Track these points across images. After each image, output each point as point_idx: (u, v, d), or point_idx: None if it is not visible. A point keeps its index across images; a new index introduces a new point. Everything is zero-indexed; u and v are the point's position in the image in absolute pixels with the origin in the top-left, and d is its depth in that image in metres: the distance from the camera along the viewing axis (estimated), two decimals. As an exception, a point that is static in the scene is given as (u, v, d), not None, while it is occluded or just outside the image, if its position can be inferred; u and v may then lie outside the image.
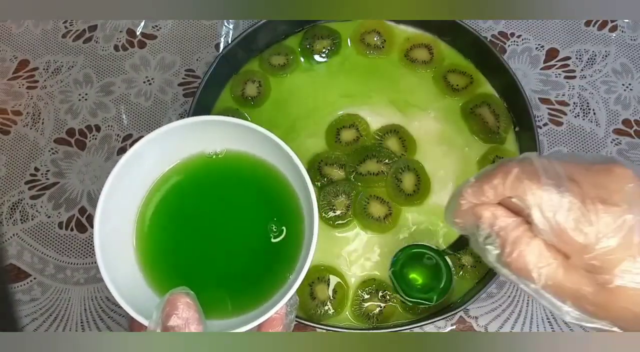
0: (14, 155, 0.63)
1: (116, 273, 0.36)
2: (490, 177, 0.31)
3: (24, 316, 0.57)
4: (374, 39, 0.62)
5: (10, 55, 0.67)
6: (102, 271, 0.36)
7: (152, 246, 0.41)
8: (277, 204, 0.41)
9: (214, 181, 0.42)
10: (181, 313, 0.34)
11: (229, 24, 0.67)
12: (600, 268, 0.28)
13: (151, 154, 0.40)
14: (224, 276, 0.41)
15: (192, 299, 0.35)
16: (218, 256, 0.41)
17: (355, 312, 0.53)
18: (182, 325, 0.33)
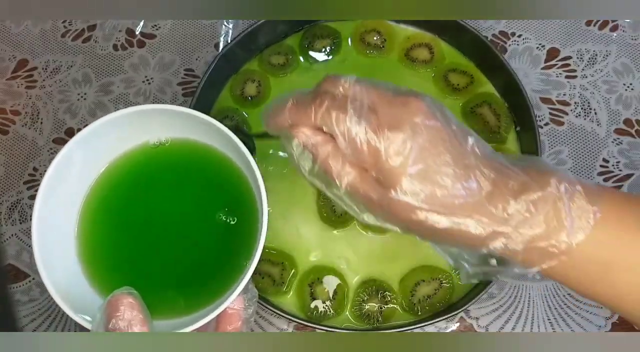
0: (12, 155, 0.62)
1: (58, 275, 0.35)
2: (306, 104, 0.36)
3: (23, 316, 0.57)
4: (374, 39, 0.62)
5: (9, 55, 0.67)
6: (42, 273, 0.34)
7: (95, 245, 0.39)
8: (227, 192, 0.40)
9: (160, 171, 0.41)
10: (123, 314, 0.33)
11: (228, 24, 0.67)
12: (385, 181, 0.33)
13: (91, 148, 0.38)
14: (173, 272, 0.39)
15: (134, 299, 0.34)
16: (167, 251, 0.39)
17: (355, 312, 0.53)
18: (124, 327, 0.33)
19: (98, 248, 0.39)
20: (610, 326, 0.55)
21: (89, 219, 0.39)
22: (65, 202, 0.38)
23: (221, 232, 0.39)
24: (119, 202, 0.40)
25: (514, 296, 0.56)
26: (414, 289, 0.53)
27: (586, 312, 0.55)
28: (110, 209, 0.40)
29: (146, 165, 0.40)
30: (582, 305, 0.56)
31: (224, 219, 0.39)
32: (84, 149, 0.38)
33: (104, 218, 0.39)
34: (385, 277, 0.54)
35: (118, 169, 0.40)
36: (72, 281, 0.37)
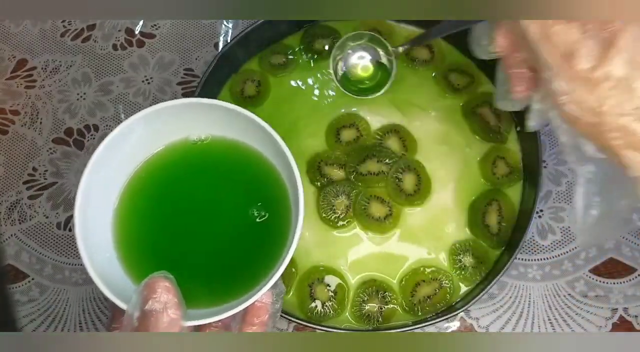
0: (12, 155, 0.62)
1: (96, 258, 0.36)
2: None
3: (22, 316, 0.57)
4: (374, 38, 0.61)
5: (9, 55, 0.67)
6: (83, 254, 0.35)
7: (131, 231, 0.40)
8: (262, 191, 0.40)
9: (198, 167, 0.42)
10: (159, 297, 0.33)
11: (228, 23, 0.67)
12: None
13: (133, 138, 0.39)
14: (205, 263, 0.40)
15: (171, 283, 0.34)
16: (200, 243, 0.40)
17: (355, 313, 0.53)
18: (160, 309, 0.33)
19: (133, 235, 0.40)
20: (611, 326, 0.55)
21: (127, 206, 0.41)
22: (106, 187, 0.40)
23: (253, 227, 0.40)
24: (156, 193, 0.41)
25: (514, 296, 0.56)
26: (414, 290, 0.53)
27: (586, 313, 0.55)
28: (147, 199, 0.41)
29: (185, 159, 0.42)
30: (583, 305, 0.56)
31: (256, 214, 0.40)
32: (129, 137, 0.39)
33: (140, 206, 0.41)
34: (385, 277, 0.54)
35: (158, 160, 0.42)
36: (108, 264, 0.38)
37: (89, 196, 0.37)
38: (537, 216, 0.58)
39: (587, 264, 0.57)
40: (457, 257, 0.54)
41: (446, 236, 0.55)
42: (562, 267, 0.57)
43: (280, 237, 0.39)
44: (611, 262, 0.57)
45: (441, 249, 0.55)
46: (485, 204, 0.55)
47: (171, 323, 0.33)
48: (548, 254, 0.57)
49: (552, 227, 0.58)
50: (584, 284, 0.56)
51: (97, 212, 0.39)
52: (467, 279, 0.54)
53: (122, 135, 0.38)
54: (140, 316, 0.33)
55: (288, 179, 0.40)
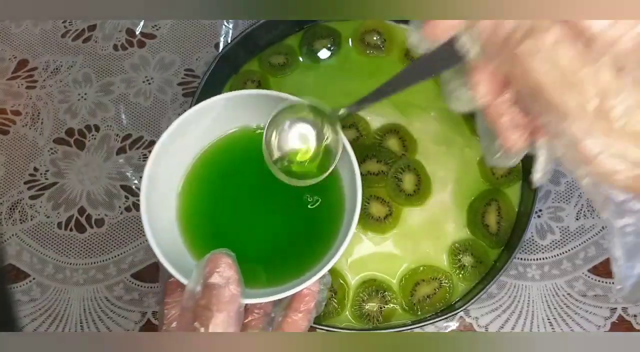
0: (13, 155, 0.62)
1: (158, 235, 0.38)
2: None
3: (23, 316, 0.57)
4: (374, 39, 0.62)
5: (10, 55, 0.67)
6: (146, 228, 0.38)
7: (194, 211, 0.43)
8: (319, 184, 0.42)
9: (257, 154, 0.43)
10: (222, 272, 0.34)
11: (228, 24, 0.67)
12: None
13: (200, 124, 0.42)
14: (260, 248, 0.42)
15: (232, 260, 0.35)
16: (256, 227, 0.43)
17: (355, 312, 0.53)
18: (222, 283, 0.34)
19: (195, 215, 0.43)
20: (610, 326, 0.55)
21: (190, 188, 0.44)
22: (171, 169, 0.42)
23: (306, 215, 0.42)
24: (218, 177, 0.44)
25: (513, 296, 0.56)
26: (414, 289, 0.53)
27: (585, 312, 0.56)
28: (209, 182, 0.43)
29: (245, 146, 0.44)
30: (582, 305, 0.56)
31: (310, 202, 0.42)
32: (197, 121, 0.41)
33: (203, 189, 0.43)
34: (385, 277, 0.54)
35: (221, 146, 0.44)
36: (170, 241, 0.41)
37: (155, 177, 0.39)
38: (536, 215, 0.58)
39: (586, 263, 0.57)
40: (456, 256, 0.54)
41: (446, 235, 0.55)
42: (561, 266, 0.57)
43: (332, 225, 0.41)
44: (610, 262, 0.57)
45: (441, 249, 0.55)
46: (484, 204, 0.55)
47: (232, 298, 0.34)
48: (547, 253, 0.58)
49: (551, 227, 0.58)
50: (583, 284, 0.56)
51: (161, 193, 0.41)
52: (466, 279, 0.54)
53: (187, 123, 0.40)
54: (202, 290, 0.34)
55: (344, 168, 0.41)
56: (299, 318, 0.38)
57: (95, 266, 0.58)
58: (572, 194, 0.59)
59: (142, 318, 0.57)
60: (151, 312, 0.57)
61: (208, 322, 0.33)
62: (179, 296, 0.38)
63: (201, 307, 0.34)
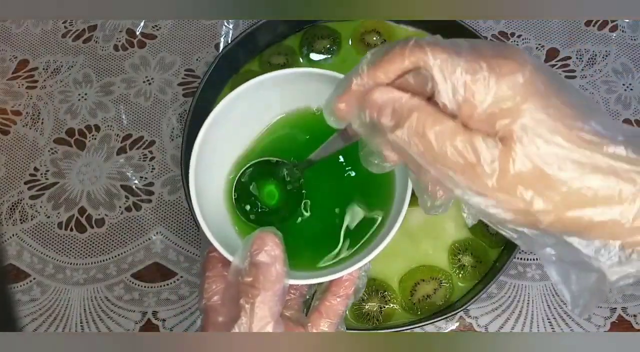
0: (13, 155, 0.63)
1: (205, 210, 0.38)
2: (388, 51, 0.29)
3: (23, 316, 0.57)
4: (374, 39, 0.62)
5: (10, 55, 0.67)
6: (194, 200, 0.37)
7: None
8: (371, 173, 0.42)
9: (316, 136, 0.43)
10: (270, 250, 0.34)
11: (228, 24, 0.67)
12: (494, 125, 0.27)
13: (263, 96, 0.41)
14: (306, 230, 0.42)
15: (279, 239, 0.35)
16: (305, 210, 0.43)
17: (355, 312, 0.53)
18: (269, 262, 0.34)
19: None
20: (609, 326, 0.55)
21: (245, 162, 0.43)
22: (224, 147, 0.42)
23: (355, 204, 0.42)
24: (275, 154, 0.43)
25: (513, 296, 0.56)
26: (414, 289, 0.53)
27: (586, 312, 0.56)
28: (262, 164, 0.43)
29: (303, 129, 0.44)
30: (582, 305, 0.56)
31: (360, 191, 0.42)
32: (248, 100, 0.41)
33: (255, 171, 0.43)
34: (385, 277, 0.54)
35: (279, 127, 0.44)
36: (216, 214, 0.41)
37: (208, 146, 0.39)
38: (536, 215, 0.58)
39: (586, 263, 0.57)
40: (456, 256, 0.54)
41: (445, 235, 0.55)
42: (561, 266, 0.57)
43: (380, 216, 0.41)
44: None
45: (440, 249, 0.55)
46: (484, 204, 0.55)
47: (278, 277, 0.34)
48: (547, 253, 0.57)
49: (552, 227, 0.58)
50: (583, 284, 0.56)
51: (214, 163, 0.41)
52: (466, 279, 0.54)
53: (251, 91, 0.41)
54: (249, 267, 0.34)
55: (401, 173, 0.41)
56: (337, 303, 0.38)
57: (96, 265, 0.58)
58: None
59: (142, 318, 0.57)
60: (151, 312, 0.57)
61: (254, 299, 0.33)
62: (219, 271, 0.38)
63: (247, 285, 0.34)
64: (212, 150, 0.40)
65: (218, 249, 0.36)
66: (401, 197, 0.39)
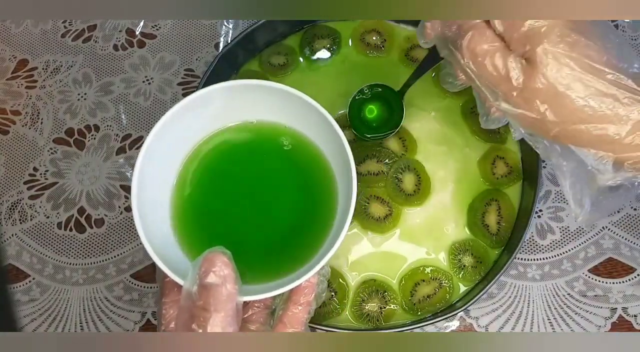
0: (12, 155, 0.62)
1: (152, 234, 0.37)
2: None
3: (23, 316, 0.57)
4: (374, 39, 0.62)
5: (9, 55, 0.67)
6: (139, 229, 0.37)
7: (187, 210, 0.42)
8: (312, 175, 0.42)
9: (253, 150, 0.43)
10: (218, 271, 0.34)
11: (228, 24, 0.67)
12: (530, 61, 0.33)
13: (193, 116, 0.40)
14: (257, 243, 0.42)
15: (228, 258, 0.35)
16: (253, 223, 0.42)
17: (355, 312, 0.53)
18: (219, 282, 0.34)
19: (189, 211, 0.42)
20: (610, 326, 0.55)
21: (185, 183, 0.42)
22: (164, 163, 0.41)
23: (302, 209, 0.42)
24: (213, 174, 0.43)
25: (513, 296, 0.56)
26: (414, 289, 0.53)
27: (586, 312, 0.56)
28: (206, 177, 0.43)
29: (242, 140, 0.44)
30: (582, 305, 0.56)
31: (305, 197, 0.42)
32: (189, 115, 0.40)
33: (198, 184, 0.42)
34: (385, 278, 0.54)
35: (216, 141, 0.43)
36: (164, 239, 0.40)
37: (147, 172, 0.38)
38: (536, 215, 0.58)
39: (586, 263, 0.57)
40: (456, 256, 0.54)
41: (446, 235, 0.55)
42: (561, 266, 0.57)
43: (327, 219, 0.41)
44: (610, 262, 0.57)
45: (441, 249, 0.55)
46: (484, 204, 0.55)
47: (229, 297, 0.34)
48: (547, 253, 0.57)
49: (551, 227, 0.58)
50: (583, 284, 0.56)
51: (154, 189, 0.40)
52: (466, 279, 0.54)
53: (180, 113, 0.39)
54: (199, 290, 0.34)
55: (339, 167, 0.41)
56: (299, 311, 0.38)
57: (95, 266, 0.58)
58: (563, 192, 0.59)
59: (142, 318, 0.57)
60: (151, 312, 0.57)
61: (206, 322, 0.33)
62: (176, 296, 0.37)
63: (198, 308, 0.34)
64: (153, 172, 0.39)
65: (167, 274, 0.36)
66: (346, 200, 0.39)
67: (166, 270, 0.36)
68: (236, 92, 0.40)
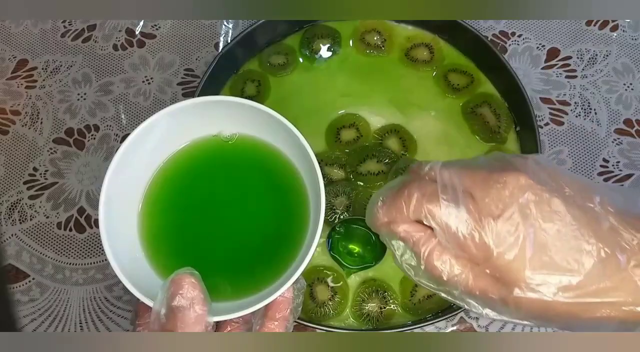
0: (12, 155, 0.62)
1: (121, 255, 0.36)
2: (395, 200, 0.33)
3: (22, 316, 0.57)
4: (374, 38, 0.62)
5: (9, 55, 0.67)
6: (108, 252, 0.36)
7: (156, 228, 0.41)
8: (282, 189, 0.41)
9: (223, 164, 0.42)
10: (186, 293, 0.34)
11: (228, 24, 0.67)
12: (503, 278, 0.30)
13: (160, 132, 0.39)
14: (229, 259, 0.41)
15: (196, 279, 0.34)
16: (223, 238, 0.41)
17: (355, 313, 0.53)
18: (186, 305, 0.33)
19: (159, 230, 0.41)
20: (611, 326, 0.55)
21: (152, 202, 0.41)
22: (132, 181, 0.40)
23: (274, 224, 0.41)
24: (181, 189, 0.42)
25: (514, 296, 0.56)
26: (414, 289, 0.53)
27: (586, 312, 0.55)
28: (172, 195, 0.41)
29: (208, 156, 0.42)
30: (582, 305, 0.56)
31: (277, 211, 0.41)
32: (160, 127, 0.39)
33: (165, 203, 0.41)
34: (385, 278, 0.54)
35: (182, 157, 0.42)
36: (134, 261, 0.39)
37: (114, 194, 0.37)
38: (536, 215, 0.58)
39: (586, 264, 0.57)
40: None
41: (446, 235, 0.55)
42: (561, 267, 0.57)
43: (299, 233, 0.40)
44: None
45: (441, 249, 0.55)
46: (485, 204, 0.55)
47: (197, 319, 0.33)
48: (548, 254, 0.57)
49: (552, 227, 0.58)
50: (584, 284, 0.56)
51: (122, 209, 0.39)
52: (466, 279, 0.54)
53: (145, 133, 0.38)
54: (167, 313, 0.33)
55: (308, 179, 0.40)
56: (275, 326, 0.37)
57: (95, 266, 0.58)
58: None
59: (142, 318, 0.56)
60: (151, 312, 0.57)
61: None
62: (148, 318, 0.36)
63: (167, 331, 0.33)
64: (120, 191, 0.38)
65: (136, 296, 0.35)
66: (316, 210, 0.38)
67: (136, 293, 0.35)
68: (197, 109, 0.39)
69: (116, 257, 0.36)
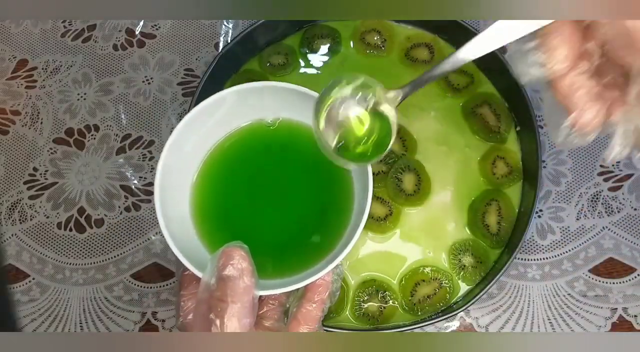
0: (12, 155, 0.62)
1: (173, 228, 0.38)
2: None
3: (22, 316, 0.57)
4: (374, 39, 0.62)
5: (9, 55, 0.67)
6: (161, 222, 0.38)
7: (207, 206, 0.43)
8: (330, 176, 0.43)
9: (270, 147, 0.44)
10: (236, 264, 0.35)
11: (228, 24, 0.67)
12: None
13: (214, 116, 0.42)
14: (272, 239, 0.43)
15: (246, 252, 0.36)
16: (269, 220, 0.44)
17: (355, 312, 0.53)
18: (237, 275, 0.34)
19: (209, 207, 0.43)
20: (610, 326, 0.55)
21: (204, 181, 0.44)
22: (185, 162, 0.43)
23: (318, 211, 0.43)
24: (232, 170, 0.44)
25: (514, 296, 0.56)
26: (414, 289, 0.53)
27: (586, 312, 0.56)
28: (223, 175, 0.44)
29: (259, 139, 0.45)
30: (582, 305, 0.56)
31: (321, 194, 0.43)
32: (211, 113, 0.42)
33: (217, 182, 0.44)
34: (385, 277, 0.54)
35: (234, 139, 0.45)
36: (184, 234, 0.41)
37: (169, 171, 0.39)
38: (536, 215, 0.58)
39: (586, 264, 0.57)
40: (456, 256, 0.54)
41: (446, 235, 0.55)
42: (561, 267, 0.57)
43: (343, 219, 0.41)
44: (611, 262, 0.57)
45: (441, 249, 0.55)
46: (484, 204, 0.55)
47: (246, 289, 0.35)
48: (547, 253, 0.57)
49: (552, 227, 0.58)
50: (584, 284, 0.56)
51: (175, 186, 0.41)
52: (466, 279, 0.54)
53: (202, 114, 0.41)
54: (217, 282, 0.35)
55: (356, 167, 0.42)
56: (313, 308, 0.39)
57: (95, 266, 0.58)
58: (572, 194, 0.59)
59: (142, 318, 0.57)
60: (151, 312, 0.57)
61: (223, 313, 0.34)
62: (194, 288, 0.38)
63: (216, 299, 0.34)
64: (175, 168, 0.41)
65: (187, 267, 0.37)
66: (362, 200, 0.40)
67: (186, 262, 0.37)
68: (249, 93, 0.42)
69: (169, 227, 0.38)
